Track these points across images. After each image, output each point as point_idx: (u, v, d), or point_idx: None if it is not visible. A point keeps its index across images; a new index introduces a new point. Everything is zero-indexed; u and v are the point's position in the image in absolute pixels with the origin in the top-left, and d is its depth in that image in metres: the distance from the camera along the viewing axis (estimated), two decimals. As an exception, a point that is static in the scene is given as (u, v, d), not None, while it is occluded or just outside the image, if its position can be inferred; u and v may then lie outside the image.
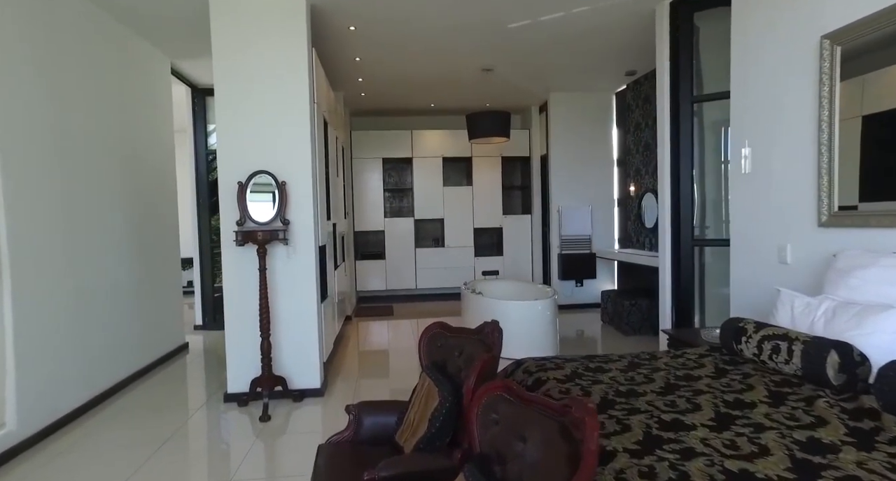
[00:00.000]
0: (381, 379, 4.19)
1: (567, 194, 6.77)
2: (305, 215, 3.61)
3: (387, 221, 7.60)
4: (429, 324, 2.21)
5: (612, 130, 6.80)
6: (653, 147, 5.65)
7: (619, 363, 2.16)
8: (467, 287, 5.31)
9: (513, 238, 7.80)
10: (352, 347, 5.12)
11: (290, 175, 3.55)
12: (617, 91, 6.66)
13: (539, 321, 4.48)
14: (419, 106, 7.29)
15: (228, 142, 3.52)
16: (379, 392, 3.78)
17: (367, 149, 7.53)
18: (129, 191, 4.12)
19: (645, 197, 5.90)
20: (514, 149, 7.74)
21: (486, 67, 5.50)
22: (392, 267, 7.60)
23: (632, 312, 5.14)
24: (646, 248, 5.89)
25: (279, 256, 3.58)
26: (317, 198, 3.75)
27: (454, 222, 7.67)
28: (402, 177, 7.98)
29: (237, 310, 3.54)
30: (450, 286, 7.70)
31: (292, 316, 3.60)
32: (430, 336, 2.20)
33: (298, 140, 3.57)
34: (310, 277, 3.62)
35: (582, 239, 6.78)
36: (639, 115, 5.98)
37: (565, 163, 6.75)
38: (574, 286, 6.84)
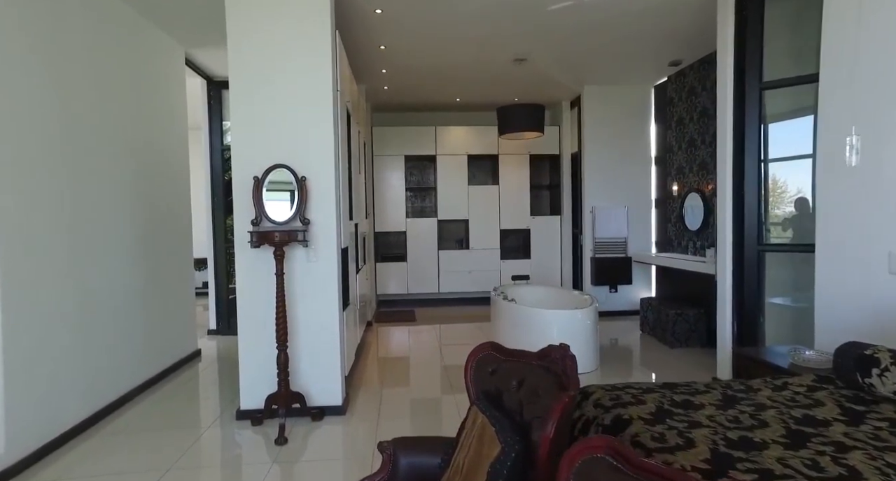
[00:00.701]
0: (407, 393, 3.83)
1: (601, 194, 6.35)
2: (327, 214, 3.27)
3: (409, 222, 7.26)
4: (480, 345, 1.84)
5: (649, 126, 6.37)
6: (698, 143, 5.22)
7: (710, 395, 1.77)
8: (498, 293, 4.93)
9: (541, 240, 7.40)
10: (373, 356, 4.78)
11: (311, 170, 3.22)
12: (656, 84, 6.22)
13: (580, 332, 4.09)
14: (444, 100, 6.93)
15: (243, 134, 3.20)
16: (406, 409, 3.43)
17: (388, 145, 7.19)
18: (139, 188, 3.83)
19: (688, 197, 5.46)
20: (542, 147, 7.34)
21: (518, 57, 5.12)
22: (414, 270, 7.25)
23: (677, 323, 4.71)
24: (689, 253, 5.46)
25: (298, 259, 3.25)
26: (339, 195, 3.41)
27: (479, 223, 7.30)
28: (425, 176, 7.63)
29: (251, 319, 3.21)
30: (474, 290, 7.33)
31: (312, 325, 3.27)
32: (480, 359, 1.83)
33: (320, 131, 3.24)
34: (331, 283, 3.28)
35: (617, 241, 6.36)
36: (682, 108, 5.55)
37: (600, 161, 6.34)
38: (608, 292, 6.41)
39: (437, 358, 4.64)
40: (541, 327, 4.14)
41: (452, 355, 4.73)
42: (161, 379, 4.02)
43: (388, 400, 3.57)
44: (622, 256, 6.34)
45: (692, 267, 4.67)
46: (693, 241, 5.39)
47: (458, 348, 4.93)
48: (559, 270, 7.45)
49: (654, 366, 4.21)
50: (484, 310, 6.77)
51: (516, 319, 4.35)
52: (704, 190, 5.16)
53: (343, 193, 3.59)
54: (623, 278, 6.34)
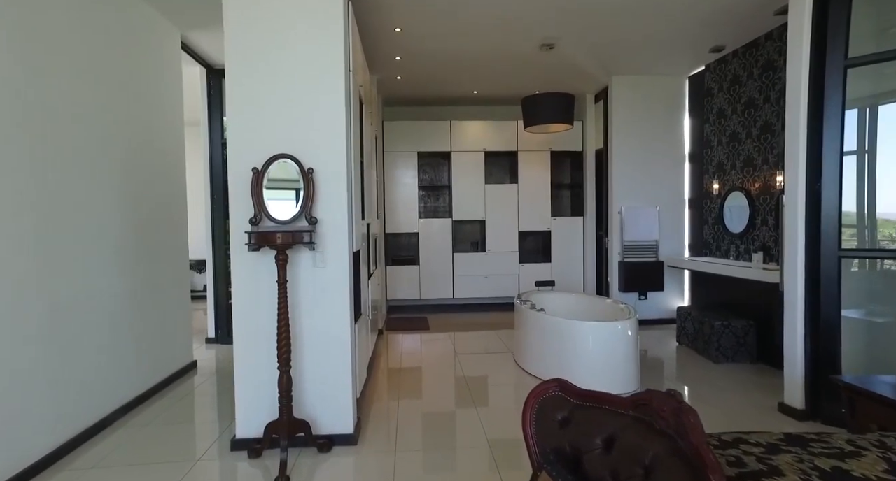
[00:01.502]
0: (425, 411, 3.38)
1: (630, 193, 5.88)
2: (337, 213, 2.83)
3: (421, 223, 6.82)
4: (544, 383, 1.40)
5: (683, 120, 5.90)
6: (742, 136, 4.75)
7: (866, 459, 1.30)
8: (523, 301, 4.47)
9: (562, 243, 6.93)
10: (386, 369, 4.34)
11: (319, 161, 2.78)
12: (691, 74, 5.75)
13: (619, 347, 3.62)
14: (460, 93, 6.49)
15: (241, 119, 2.76)
16: (425, 432, 2.98)
17: (400, 141, 6.76)
18: (128, 185, 3.41)
19: (730, 196, 4.98)
20: (564, 143, 6.88)
21: (546, 43, 4.67)
22: (427, 273, 6.81)
23: (724, 335, 4.23)
24: (730, 257, 4.98)
25: (304, 264, 2.81)
26: (352, 190, 2.97)
27: (497, 224, 6.85)
28: (439, 174, 7.19)
29: (249, 335, 2.77)
30: (491, 296, 6.88)
31: (320, 342, 2.82)
32: (543, 401, 1.39)
33: (330, 116, 2.80)
34: (342, 291, 2.84)
35: (647, 244, 5.88)
36: (723, 99, 5.07)
37: (628, 158, 5.86)
38: (637, 299, 5.94)
39: (455, 369, 4.20)
40: (575, 341, 3.68)
41: (471, 366, 4.28)
42: (149, 398, 3.60)
43: (405, 422, 3.12)
44: (653, 260, 5.86)
45: (742, 273, 4.19)
46: (735, 245, 4.91)
47: (476, 358, 4.49)
48: (581, 275, 6.98)
49: (704, 388, 3.74)
50: (502, 317, 6.33)
51: (546, 331, 3.90)
52: (750, 188, 4.69)
53: (355, 189, 3.15)
54: (654, 284, 5.86)
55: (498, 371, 4.27)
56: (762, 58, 4.44)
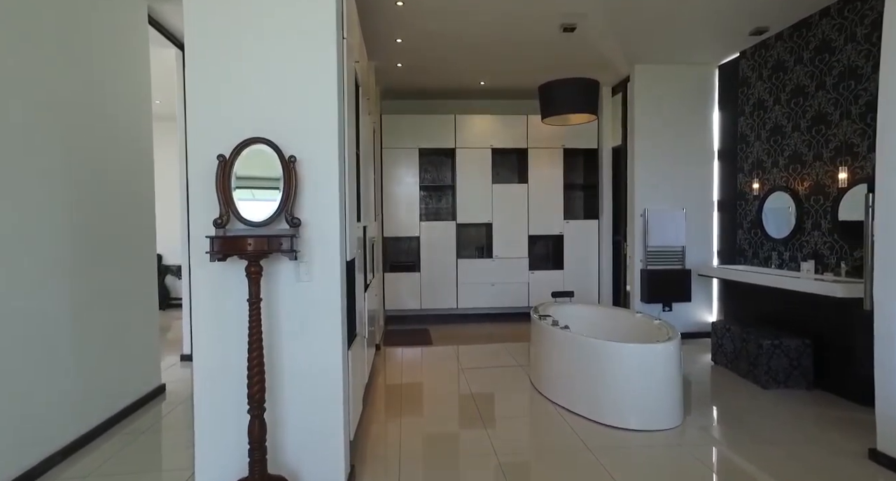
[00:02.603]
0: (431, 445, 2.80)
1: (653, 194, 5.33)
2: (327, 213, 2.26)
3: (423, 226, 6.25)
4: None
5: (712, 114, 5.36)
6: (788, 129, 4.21)
7: None
8: (542, 316, 3.90)
9: (576, 248, 6.37)
10: (384, 391, 3.75)
11: (304, 148, 2.21)
12: (722, 63, 5.22)
13: (662, 374, 3.06)
14: (466, 84, 5.94)
15: (203, 93, 2.19)
16: (432, 473, 2.41)
17: (400, 136, 6.19)
18: (79, 178, 2.83)
19: (771, 197, 4.44)
20: (578, 140, 6.33)
21: (567, 23, 4.13)
22: (428, 281, 6.23)
23: (774, 356, 3.67)
24: (771, 265, 4.43)
25: (284, 278, 2.23)
26: (345, 185, 2.40)
27: (505, 228, 6.28)
28: (442, 172, 6.62)
29: (212, 369, 2.19)
30: (498, 306, 6.31)
31: (303, 376, 2.24)
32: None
33: (318, 91, 2.23)
34: (332, 312, 2.27)
35: (672, 250, 5.33)
36: (763, 89, 4.54)
37: (652, 156, 5.32)
38: (661, 310, 5.38)
39: (461, 387, 3.62)
40: (609, 366, 3.11)
41: (479, 385, 3.71)
42: (101, 434, 3.00)
43: (410, 464, 2.54)
44: (678, 268, 5.31)
45: (802, 286, 3.62)
46: (778, 252, 4.36)
47: (486, 374, 3.91)
48: (596, 283, 6.42)
49: (760, 420, 3.18)
50: (510, 329, 5.77)
51: (573, 353, 3.33)
52: (797, 188, 4.14)
53: (350, 185, 2.58)
54: (680, 294, 5.31)
55: (510, 391, 3.70)
56: (815, 38, 3.90)
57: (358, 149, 3.23)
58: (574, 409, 3.33)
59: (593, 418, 3.19)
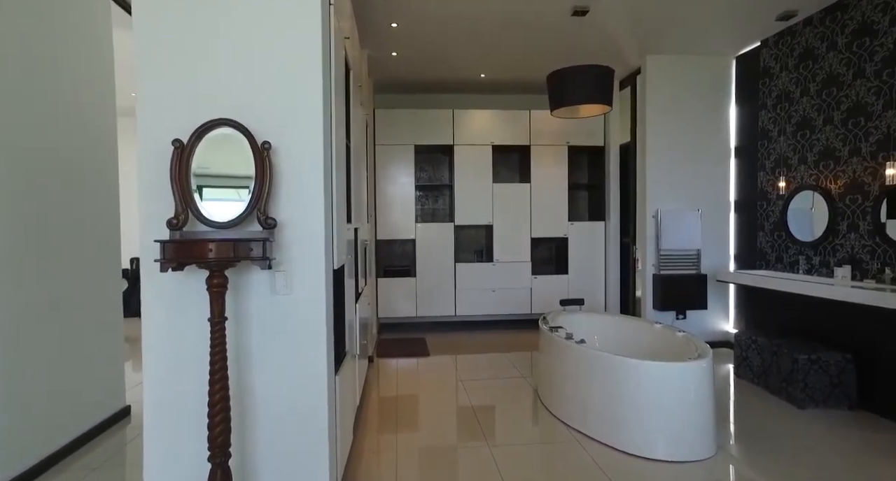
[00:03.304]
0: (431, 469, 2.41)
1: (666, 194, 4.97)
2: (310, 211, 1.87)
3: (419, 228, 5.85)
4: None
5: (729, 108, 5.01)
6: (818, 122, 3.87)
7: None
8: (552, 328, 3.52)
9: (581, 251, 6.01)
10: (377, 411, 3.35)
11: (282, 133, 1.82)
12: (740, 54, 4.87)
13: (694, 396, 2.68)
14: (465, 77, 5.56)
15: (156, 68, 1.79)
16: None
17: (395, 132, 5.80)
18: (27, 170, 2.41)
19: (797, 197, 4.10)
20: (583, 137, 5.97)
21: (580, 6, 3.76)
22: (424, 287, 5.84)
23: (811, 373, 3.31)
24: (797, 271, 4.08)
25: (257, 291, 1.84)
26: (332, 179, 2.01)
27: (506, 230, 5.90)
28: (440, 171, 6.24)
29: (166, 404, 1.79)
30: (499, 313, 5.92)
31: (280, 412, 1.84)
32: None
33: (299, 67, 1.84)
34: (316, 330, 1.87)
35: (687, 254, 4.98)
36: (788, 79, 4.19)
37: (665, 153, 4.96)
38: (674, 318, 5.03)
39: (462, 400, 3.23)
40: (632, 386, 2.73)
41: (480, 395, 3.31)
42: (49, 468, 2.58)
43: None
44: (693, 273, 4.95)
45: (843, 295, 3.26)
46: (807, 256, 4.01)
47: (487, 387, 3.52)
48: (603, 289, 6.05)
49: (798, 448, 2.82)
50: (511, 338, 5.39)
51: (590, 370, 2.95)
52: (829, 186, 3.80)
53: (339, 180, 2.19)
54: (695, 301, 4.95)
55: (515, 408, 3.32)
56: (853, 21, 3.56)
57: (348, 142, 2.84)
58: (590, 433, 2.95)
59: (613, 444, 2.81)
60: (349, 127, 2.88)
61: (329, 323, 1.94)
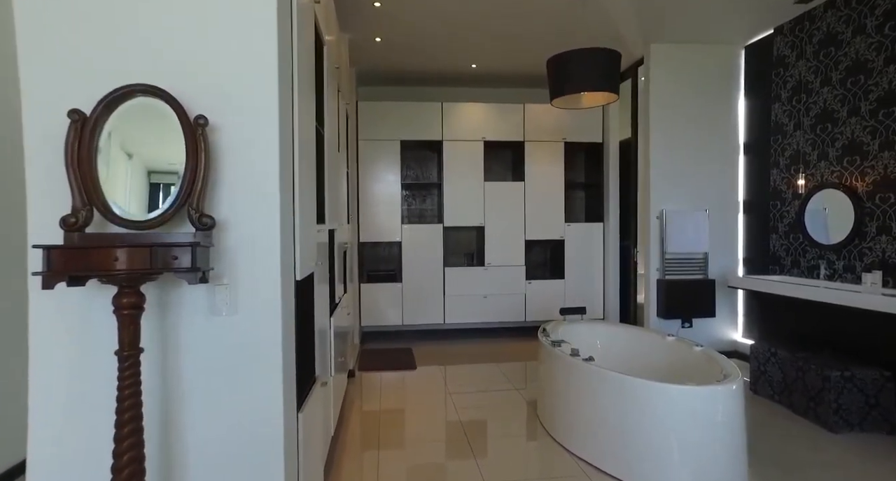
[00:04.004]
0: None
1: (670, 194, 4.62)
2: (262, 208, 1.46)
3: (405, 229, 5.44)
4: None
5: (737, 101, 4.68)
6: (841, 114, 3.54)
7: None
8: (554, 343, 3.13)
9: (578, 255, 5.64)
10: (359, 436, 2.93)
11: (224, 108, 1.41)
12: (749, 43, 4.54)
13: (723, 425, 2.31)
14: (456, 67, 5.16)
15: (51, 21, 1.37)
16: None
17: (379, 126, 5.38)
18: None
19: (816, 196, 3.77)
20: (579, 133, 5.61)
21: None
22: (411, 293, 5.43)
23: (845, 392, 2.96)
24: (818, 276, 3.75)
25: (190, 312, 1.42)
26: (294, 169, 1.60)
27: (498, 232, 5.52)
28: (428, 168, 5.83)
29: (61, 465, 1.35)
30: (491, 320, 5.53)
31: (220, 465, 1.42)
32: None
33: (247, 29, 1.43)
34: (271, 361, 1.46)
35: (694, 258, 4.63)
36: (806, 68, 3.86)
37: (669, 149, 4.61)
38: (680, 326, 4.67)
39: (454, 418, 2.83)
40: (651, 412, 2.35)
41: (471, 412, 2.91)
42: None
43: None
44: (700, 278, 4.61)
45: (872, 303, 2.91)
46: (828, 260, 3.67)
47: (480, 403, 3.13)
48: (601, 295, 5.69)
49: (836, 479, 2.46)
50: (504, 347, 5.00)
51: (602, 393, 2.56)
52: (854, 184, 3.47)
53: (305, 172, 1.77)
54: (703, 309, 4.60)
55: (511, 430, 2.92)
56: (885, 0, 3.23)
57: (320, 130, 2.43)
58: (600, 465, 2.57)
59: (626, 479, 2.43)
60: (322, 112, 2.47)
61: (287, 349, 1.53)
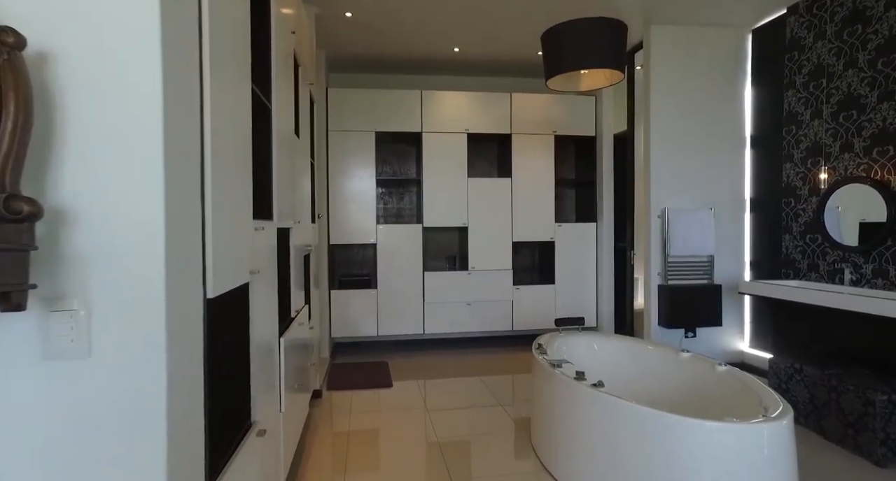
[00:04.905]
0: None
1: (673, 191, 4.20)
2: (135, 191, 0.93)
3: (380, 230, 4.92)
4: None
5: (743, 90, 4.28)
6: (870, 100, 3.15)
7: None
8: (554, 364, 2.64)
9: (570, 257, 5.19)
10: (324, 471, 2.41)
11: (59, 27, 0.88)
12: (757, 26, 4.15)
13: (770, 472, 1.85)
14: (436, 51, 4.67)
15: None
16: None
17: (351, 116, 4.85)
18: None
19: (839, 191, 3.38)
20: (571, 126, 5.17)
21: (581, -57, 2.93)
22: (387, 300, 4.90)
23: (893, 418, 2.54)
24: (841, 282, 3.35)
25: (8, 355, 0.88)
26: (194, 137, 1.07)
27: (483, 233, 5.03)
28: (405, 163, 5.32)
29: None
30: (475, 330, 5.05)
31: None
32: None
33: None
34: (149, 431, 0.93)
35: (698, 262, 4.22)
36: (826, 50, 3.47)
37: (670, 142, 4.19)
38: (683, 336, 4.25)
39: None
40: (679, 454, 1.88)
41: (453, 429, 2.43)
42: None
43: None
44: (706, 283, 4.19)
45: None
46: (854, 264, 3.28)
47: (461, 417, 2.64)
48: (594, 301, 5.25)
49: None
50: (489, 359, 4.49)
51: (618, 428, 2.09)
52: (887, 178, 3.07)
53: (227, 143, 1.25)
54: (708, 317, 4.17)
55: (496, 449, 2.44)
56: (927, -31, 2.84)
57: (266, 101, 1.91)
58: (613, 514, 2.09)
59: (650, 535, 1.96)
60: (269, 83, 1.95)
61: (181, 403, 1.01)
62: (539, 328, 5.05)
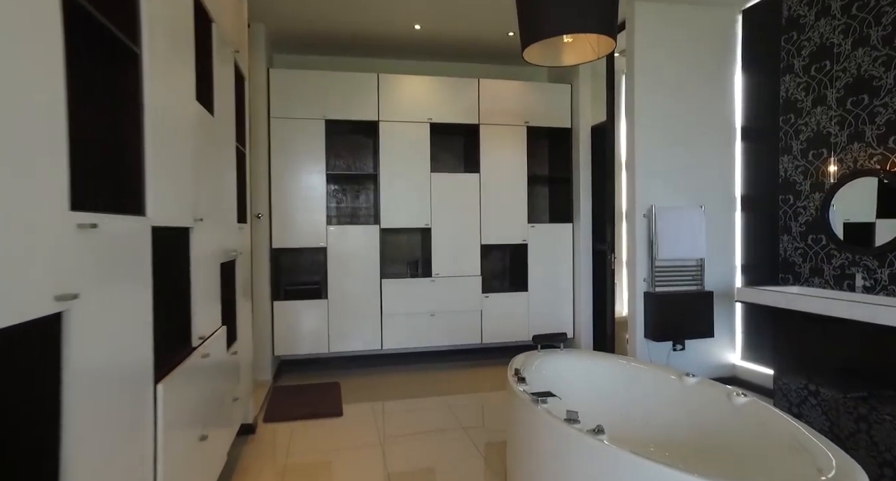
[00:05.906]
0: None
1: (658, 188, 3.77)
2: None
3: (332, 232, 4.30)
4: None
5: (733, 76, 3.89)
6: (885, 83, 2.76)
7: None
8: (537, 399, 2.09)
9: (544, 261, 4.70)
10: None
11: None
12: (748, 6, 3.77)
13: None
14: (395, 28, 4.11)
15: None
16: None
17: (297, 102, 4.22)
18: None
19: (846, 187, 2.99)
20: (544, 117, 4.69)
21: None
22: (339, 312, 4.29)
23: (935, 454, 2.12)
24: (850, 288, 2.96)
25: None
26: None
27: (448, 235, 4.48)
28: (361, 156, 4.73)
29: None
30: (439, 344, 4.49)
31: None
32: None
33: None
34: None
35: (687, 266, 3.79)
36: (830, 29, 3.09)
37: (656, 133, 3.76)
38: (671, 350, 3.81)
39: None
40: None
41: (408, 457, 1.87)
42: None
43: None
44: (696, 290, 3.77)
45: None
46: (866, 268, 2.89)
47: (419, 444, 2.10)
48: (571, 310, 4.77)
49: None
50: (455, 376, 3.92)
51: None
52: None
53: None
54: (699, 328, 3.75)
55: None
56: (962, -75, 2.46)
57: (133, 40, 1.31)
58: None
59: None
60: (137, 9, 1.35)
61: None
62: (510, 340, 4.54)
